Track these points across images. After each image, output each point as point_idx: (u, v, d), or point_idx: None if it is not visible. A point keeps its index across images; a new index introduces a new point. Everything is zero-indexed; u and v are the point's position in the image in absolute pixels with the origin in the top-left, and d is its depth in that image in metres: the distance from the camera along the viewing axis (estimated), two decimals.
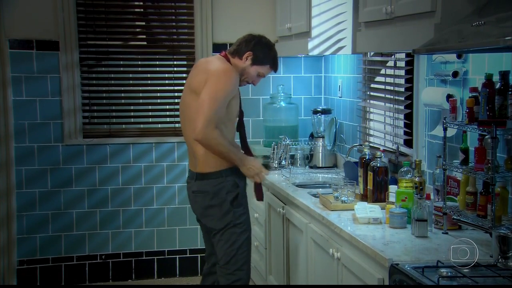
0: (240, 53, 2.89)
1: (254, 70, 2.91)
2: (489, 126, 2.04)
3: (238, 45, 2.92)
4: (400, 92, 3.28)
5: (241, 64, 2.89)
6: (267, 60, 2.92)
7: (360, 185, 3.00)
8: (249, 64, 2.89)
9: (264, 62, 2.92)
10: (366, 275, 2.26)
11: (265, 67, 2.93)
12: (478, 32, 1.91)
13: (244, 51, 2.89)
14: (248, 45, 2.89)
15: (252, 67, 2.90)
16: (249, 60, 2.89)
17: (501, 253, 1.94)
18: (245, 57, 2.89)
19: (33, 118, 4.18)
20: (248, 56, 2.88)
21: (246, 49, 2.89)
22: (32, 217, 4.22)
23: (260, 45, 2.91)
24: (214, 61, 2.87)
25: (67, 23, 4.14)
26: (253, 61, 2.89)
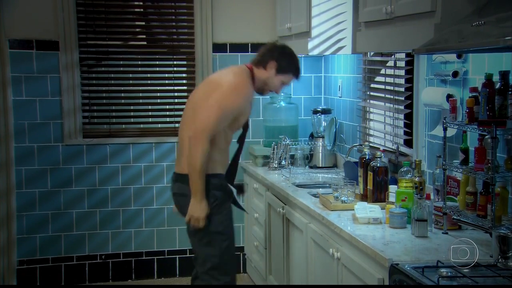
0: (264, 63, 2.91)
1: (278, 79, 2.94)
2: (489, 126, 2.04)
3: (261, 56, 2.95)
4: (400, 92, 3.28)
5: (266, 74, 2.92)
6: (291, 69, 2.96)
7: (360, 185, 3.00)
8: (273, 74, 2.92)
9: (287, 71, 2.95)
10: (366, 275, 2.26)
11: (288, 75, 2.96)
12: (478, 32, 1.91)
13: (268, 61, 2.91)
14: (271, 54, 2.92)
15: (276, 77, 2.93)
16: (273, 70, 2.91)
17: (501, 253, 1.94)
18: (269, 67, 2.91)
19: (33, 118, 4.18)
20: (272, 65, 2.91)
21: (269, 58, 2.91)
22: (32, 217, 4.22)
23: (284, 54, 2.94)
24: (229, 74, 2.88)
25: (67, 23, 4.14)
26: (277, 70, 2.91)
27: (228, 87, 2.78)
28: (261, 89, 2.97)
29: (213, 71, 4.37)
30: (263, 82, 2.92)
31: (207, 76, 4.33)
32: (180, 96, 4.44)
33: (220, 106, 2.74)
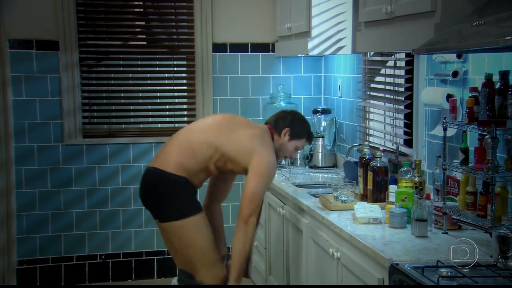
0: (279, 129, 3.00)
1: (292, 145, 3.02)
2: (489, 126, 2.04)
3: (275, 121, 3.03)
4: (400, 92, 3.28)
5: (280, 140, 3.00)
6: (303, 134, 3.04)
7: (360, 185, 3.01)
8: (287, 140, 3.00)
9: (300, 136, 3.03)
10: (366, 275, 2.26)
11: (301, 140, 3.05)
12: (478, 32, 1.91)
13: (281, 128, 3.00)
14: (284, 121, 3.01)
15: (290, 142, 3.01)
16: (287, 136, 3.00)
17: (501, 253, 1.94)
18: (283, 134, 3.00)
19: (33, 118, 4.17)
20: (286, 132, 3.00)
21: (283, 125, 3.00)
22: (32, 217, 4.21)
23: (296, 120, 3.04)
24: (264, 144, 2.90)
25: (67, 23, 4.14)
26: (291, 136, 3.00)
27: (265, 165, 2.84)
28: (276, 154, 2.99)
29: (213, 71, 4.37)
30: (278, 149, 2.99)
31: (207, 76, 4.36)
32: (180, 96, 4.44)
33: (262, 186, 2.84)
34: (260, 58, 4.45)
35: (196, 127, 3.01)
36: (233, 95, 4.43)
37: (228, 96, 4.42)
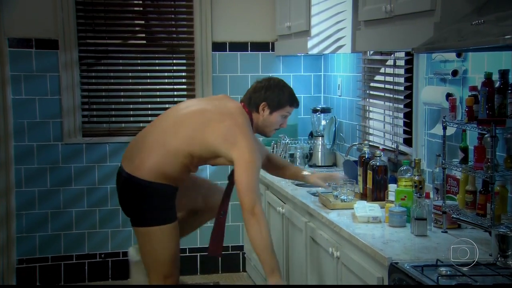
0: (255, 106, 2.75)
1: (275, 117, 2.76)
2: (488, 125, 2.04)
3: (249, 98, 2.77)
4: (399, 91, 3.28)
5: (260, 117, 2.75)
6: (284, 101, 2.76)
7: (359, 184, 3.01)
8: (268, 114, 2.75)
9: (281, 105, 2.76)
10: (365, 274, 2.26)
11: (285, 108, 2.77)
12: (477, 31, 1.91)
13: (258, 103, 2.74)
14: (258, 95, 2.74)
15: (272, 115, 2.76)
16: (266, 110, 2.75)
17: (501, 252, 1.94)
18: (261, 109, 2.74)
19: (33, 117, 4.17)
20: (263, 107, 2.74)
21: (258, 100, 2.74)
22: (32, 216, 4.21)
23: (270, 90, 2.75)
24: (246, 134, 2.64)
25: (66, 22, 4.14)
26: (271, 109, 2.75)
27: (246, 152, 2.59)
28: (263, 132, 2.82)
29: (213, 70, 4.37)
30: (262, 125, 2.78)
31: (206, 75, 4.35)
32: (179, 95, 4.44)
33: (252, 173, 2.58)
34: (260, 57, 4.44)
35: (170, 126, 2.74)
36: (232, 94, 4.41)
37: (228, 95, 4.41)
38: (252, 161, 2.60)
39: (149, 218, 2.73)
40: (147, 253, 2.78)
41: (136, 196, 2.75)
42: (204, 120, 2.70)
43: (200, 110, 2.76)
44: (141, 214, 2.75)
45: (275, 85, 2.77)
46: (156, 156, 2.70)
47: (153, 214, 2.73)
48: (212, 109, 2.74)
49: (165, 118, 2.83)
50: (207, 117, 2.70)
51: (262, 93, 2.74)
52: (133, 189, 2.75)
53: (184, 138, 2.69)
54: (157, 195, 2.72)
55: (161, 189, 2.71)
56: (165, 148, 2.70)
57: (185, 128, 2.71)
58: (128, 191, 2.78)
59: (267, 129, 2.81)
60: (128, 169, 2.75)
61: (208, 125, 2.67)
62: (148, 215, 2.73)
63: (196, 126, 2.69)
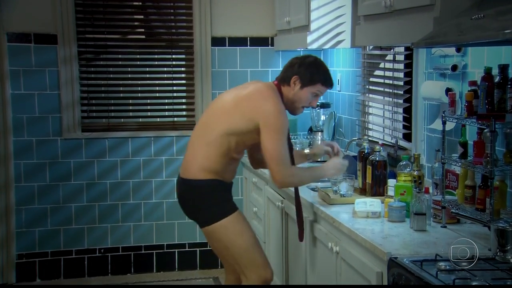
0: (287, 79, 2.75)
1: (305, 93, 2.75)
2: (488, 119, 2.04)
3: (284, 72, 2.79)
4: (399, 86, 3.27)
5: (291, 91, 2.75)
6: (317, 78, 2.74)
7: (359, 179, 3.00)
8: (299, 89, 2.74)
9: (314, 81, 2.74)
10: (365, 268, 2.26)
11: (316, 85, 2.75)
12: (477, 26, 1.90)
13: (290, 76, 2.74)
14: (292, 69, 2.75)
15: (302, 90, 2.74)
16: (297, 84, 2.74)
17: (500, 247, 1.94)
18: (293, 82, 2.74)
19: (32, 112, 4.17)
20: (295, 80, 2.74)
21: (291, 73, 2.74)
22: (31, 211, 4.22)
23: (304, 65, 2.74)
24: (269, 98, 2.69)
25: (65, 16, 4.13)
26: (302, 83, 2.73)
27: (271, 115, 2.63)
28: (292, 108, 2.80)
29: (212, 65, 4.37)
30: (292, 100, 2.77)
31: (205, 70, 4.35)
32: (179, 90, 4.44)
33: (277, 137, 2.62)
34: (259, 52, 4.44)
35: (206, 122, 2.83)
36: None
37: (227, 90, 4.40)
38: (278, 124, 2.63)
39: (215, 214, 2.76)
40: (229, 249, 2.79)
41: (193, 197, 2.80)
42: (235, 102, 2.75)
43: (230, 95, 2.84)
44: (205, 213, 2.78)
45: (311, 62, 2.77)
46: (198, 153, 2.77)
47: (215, 209, 2.76)
48: (241, 91, 2.80)
49: (201, 118, 2.93)
50: (238, 98, 2.76)
51: (295, 67, 2.75)
52: (188, 191, 2.81)
53: (217, 122, 2.76)
54: (211, 191, 2.77)
55: (211, 184, 2.75)
56: (203, 142, 2.77)
57: (216, 115, 2.79)
58: (186, 195, 2.84)
59: (296, 104, 2.79)
60: (181, 174, 2.85)
61: (237, 100, 2.75)
62: (211, 211, 2.76)
63: (227, 106, 2.77)
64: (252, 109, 2.68)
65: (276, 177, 2.65)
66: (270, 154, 2.63)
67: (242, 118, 2.70)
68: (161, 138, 4.38)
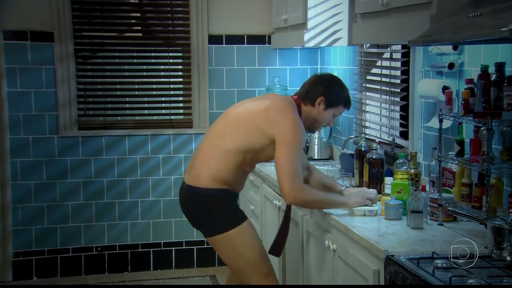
0: (311, 99, 2.70)
1: (328, 114, 2.72)
2: (484, 117, 2.04)
3: (307, 91, 2.72)
4: (396, 84, 3.27)
5: (314, 110, 2.71)
6: (341, 101, 2.73)
7: (356, 177, 3.01)
8: (323, 109, 2.71)
9: (337, 104, 2.72)
10: (361, 266, 2.27)
11: (339, 108, 2.74)
12: (473, 24, 1.90)
13: (316, 97, 2.69)
14: (318, 89, 2.70)
15: (326, 112, 2.71)
16: (322, 105, 2.70)
17: (496, 244, 1.95)
18: (318, 103, 2.69)
19: (28, 110, 4.16)
20: (320, 101, 2.69)
21: (317, 94, 2.69)
22: (28, 209, 4.21)
23: (331, 88, 2.72)
24: (288, 113, 2.62)
25: (62, 14, 4.12)
26: (326, 105, 2.70)
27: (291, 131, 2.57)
28: (310, 127, 2.77)
29: (209, 63, 4.36)
30: (313, 120, 2.73)
31: (202, 68, 4.34)
32: (175, 88, 4.43)
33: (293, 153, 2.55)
34: (256, 50, 4.43)
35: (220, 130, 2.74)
36: (229, 87, 4.42)
37: (224, 88, 4.40)
38: (295, 138, 2.57)
39: (222, 224, 2.68)
40: (235, 260, 2.72)
41: (201, 205, 2.70)
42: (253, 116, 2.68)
43: (247, 107, 2.75)
44: (212, 223, 2.69)
45: (337, 83, 2.76)
46: (211, 162, 2.68)
47: (223, 219, 2.68)
48: (260, 104, 2.72)
49: (215, 125, 2.83)
50: (254, 110, 2.69)
51: (322, 88, 2.70)
52: (195, 199, 2.71)
53: (233, 135, 2.68)
54: (220, 201, 2.68)
55: (222, 194, 2.68)
56: (217, 151, 2.68)
57: (233, 126, 2.70)
58: (192, 203, 2.74)
59: (316, 124, 2.77)
60: (188, 181, 2.75)
61: (255, 114, 2.67)
62: (219, 221, 2.68)
63: (244, 120, 2.69)
64: (271, 125, 2.61)
65: (287, 191, 2.53)
66: (283, 168, 2.53)
67: (260, 135, 2.63)
68: (158, 136, 4.37)
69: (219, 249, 2.77)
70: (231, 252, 2.71)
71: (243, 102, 2.86)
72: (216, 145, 2.71)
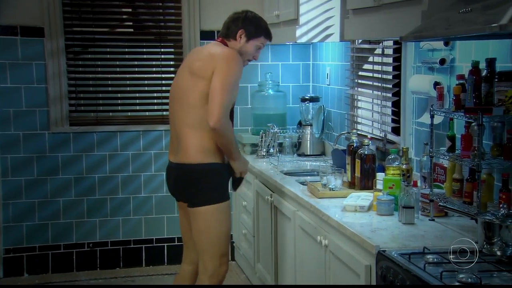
0: (232, 34, 2.90)
1: (251, 46, 2.91)
2: (475, 113, 2.05)
3: (227, 28, 2.93)
4: (387, 80, 3.28)
5: (238, 44, 2.90)
6: (260, 31, 2.94)
7: (347, 172, 3.01)
8: (245, 42, 2.90)
9: (258, 34, 2.93)
10: (353, 262, 2.27)
11: (260, 38, 2.94)
12: (465, 19, 1.91)
13: (236, 31, 2.89)
14: (236, 24, 2.90)
15: (248, 43, 2.90)
16: (243, 38, 2.89)
17: (486, 239, 1.96)
18: (239, 36, 2.89)
19: (19, 106, 4.13)
20: (241, 34, 2.89)
21: (236, 28, 2.89)
22: (19, 205, 4.19)
23: (248, 20, 2.92)
24: (217, 47, 2.86)
25: (52, 9, 4.09)
26: (247, 37, 2.90)
27: (225, 59, 2.75)
28: None
29: None
30: (239, 53, 2.88)
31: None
32: (168, 84, 4.40)
33: (225, 84, 2.71)
34: None
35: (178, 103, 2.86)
36: None
37: None
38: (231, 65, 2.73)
39: (208, 197, 2.81)
40: (204, 232, 2.84)
41: (193, 179, 2.81)
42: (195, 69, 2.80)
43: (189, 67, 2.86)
44: (200, 195, 2.82)
45: (253, 17, 2.96)
46: (191, 135, 2.79)
47: (209, 193, 2.81)
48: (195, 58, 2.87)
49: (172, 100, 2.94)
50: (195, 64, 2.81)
51: (240, 22, 2.90)
52: (188, 175, 2.82)
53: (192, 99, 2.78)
54: (211, 175, 2.81)
55: (213, 168, 2.80)
56: (190, 122, 2.79)
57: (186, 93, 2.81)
58: (184, 179, 2.84)
59: (243, 57, 2.90)
60: (177, 160, 2.85)
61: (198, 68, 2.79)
62: (207, 194, 2.81)
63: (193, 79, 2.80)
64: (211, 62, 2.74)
65: (216, 117, 2.66)
66: (218, 96, 2.67)
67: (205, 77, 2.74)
68: (150, 132, 4.36)
69: (195, 220, 2.86)
70: (205, 225, 2.83)
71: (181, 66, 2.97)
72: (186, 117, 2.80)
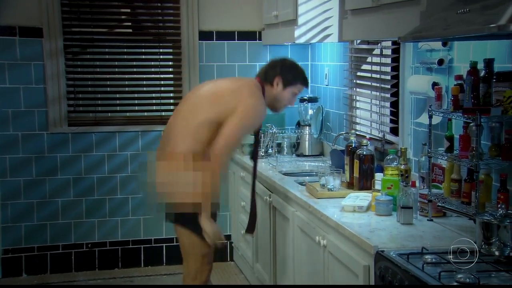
0: (269, 79, 2.92)
1: (287, 92, 2.94)
2: (473, 113, 2.05)
3: (265, 72, 2.95)
4: (386, 80, 3.28)
5: (274, 90, 2.92)
6: (297, 79, 2.96)
7: (346, 173, 3.02)
8: (282, 89, 2.92)
9: (294, 82, 2.95)
10: (352, 262, 2.28)
11: (296, 86, 2.96)
12: (463, 20, 1.91)
13: (273, 77, 2.91)
14: (275, 70, 2.92)
15: (284, 91, 2.93)
16: (280, 85, 2.92)
17: (485, 239, 1.96)
18: (276, 83, 2.91)
19: (17, 106, 4.13)
20: (278, 81, 2.91)
21: (273, 74, 2.92)
22: (17, 206, 4.18)
23: (286, 67, 2.95)
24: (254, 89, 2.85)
25: (51, 9, 4.08)
26: (284, 84, 2.92)
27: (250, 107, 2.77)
28: (273, 106, 2.96)
29: (200, 59, 4.35)
30: (274, 99, 2.93)
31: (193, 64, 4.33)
32: (166, 84, 4.42)
33: (242, 126, 2.76)
34: (247, 46, 4.43)
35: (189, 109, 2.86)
36: None
37: None
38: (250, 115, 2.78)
39: None
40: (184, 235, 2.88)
41: None
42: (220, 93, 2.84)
43: (215, 86, 2.95)
44: None
45: (291, 64, 3.01)
46: (184, 140, 2.78)
47: None
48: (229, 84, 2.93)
49: (185, 102, 2.95)
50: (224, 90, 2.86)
51: (278, 69, 2.93)
52: None
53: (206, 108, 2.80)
54: None
55: None
56: (191, 125, 2.79)
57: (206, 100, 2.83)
58: None
59: (278, 104, 2.97)
60: None
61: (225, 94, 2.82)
62: None
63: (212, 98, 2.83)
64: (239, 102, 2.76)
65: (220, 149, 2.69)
66: (228, 134, 2.70)
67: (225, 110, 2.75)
68: (149, 133, 4.36)
69: None
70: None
71: (214, 80, 3.04)
72: (189, 119, 2.81)
